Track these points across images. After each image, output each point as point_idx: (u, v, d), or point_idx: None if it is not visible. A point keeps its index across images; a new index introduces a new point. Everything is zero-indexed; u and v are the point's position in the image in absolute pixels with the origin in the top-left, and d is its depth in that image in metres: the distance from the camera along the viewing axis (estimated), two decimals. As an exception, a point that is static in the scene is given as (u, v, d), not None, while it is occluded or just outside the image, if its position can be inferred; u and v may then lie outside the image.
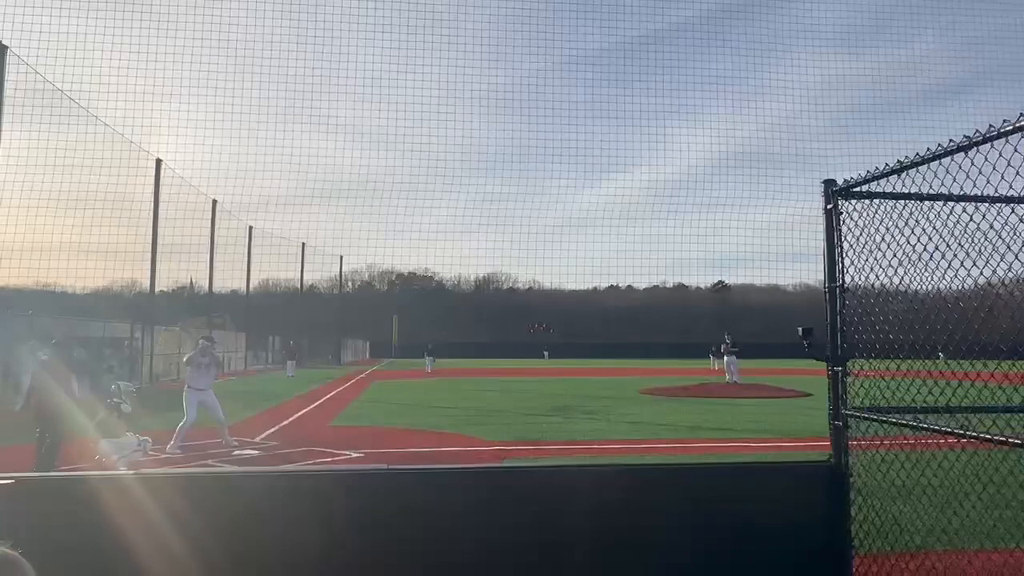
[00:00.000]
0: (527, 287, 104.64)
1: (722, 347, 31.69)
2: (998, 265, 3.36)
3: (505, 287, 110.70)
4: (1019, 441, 2.93)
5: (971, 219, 3.55)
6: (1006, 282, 3.37)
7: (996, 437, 3.04)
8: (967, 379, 3.49)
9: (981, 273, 3.42)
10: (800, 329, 4.24)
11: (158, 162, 28.71)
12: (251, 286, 47.30)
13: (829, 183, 4.23)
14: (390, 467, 4.07)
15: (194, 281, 44.31)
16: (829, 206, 4.23)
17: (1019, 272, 3.26)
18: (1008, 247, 3.27)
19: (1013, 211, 3.37)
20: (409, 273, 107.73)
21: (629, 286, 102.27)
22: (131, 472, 3.71)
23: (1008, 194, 3.20)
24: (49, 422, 9.32)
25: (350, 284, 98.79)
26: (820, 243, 4.32)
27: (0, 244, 18.68)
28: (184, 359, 13.00)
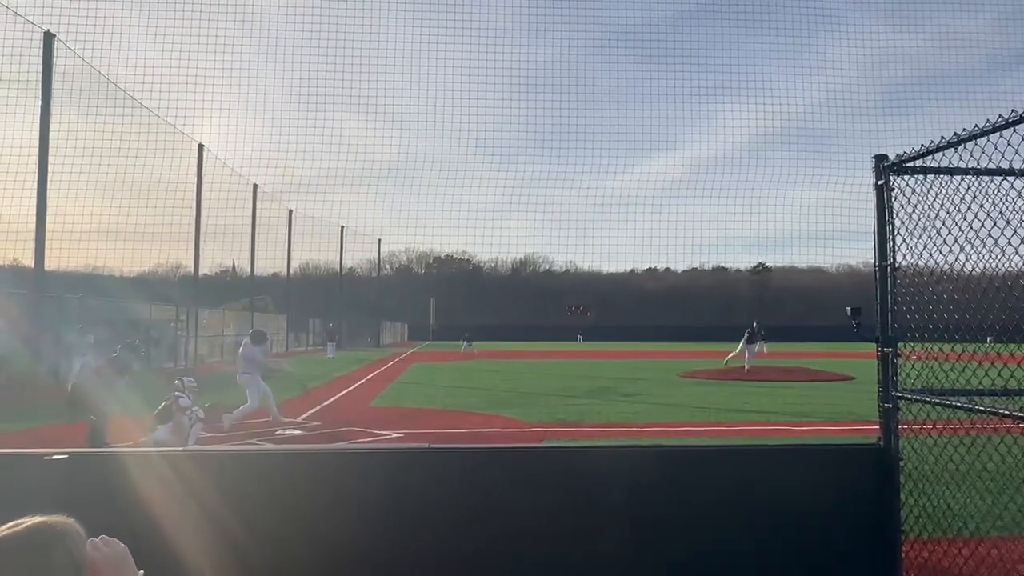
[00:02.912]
0: (564, 269, 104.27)
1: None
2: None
3: (542, 269, 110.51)
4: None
5: (1033, 194, 3.40)
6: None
7: (1059, 420, 2.92)
8: (1025, 361, 3.36)
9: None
10: (849, 309, 4.12)
11: (200, 147, 29.17)
12: (291, 269, 48.01)
13: (880, 158, 4.09)
14: (430, 446, 4.07)
15: (236, 264, 45.16)
16: (880, 182, 4.09)
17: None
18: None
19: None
20: (447, 256, 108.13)
21: (667, 268, 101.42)
22: (189, 448, 3.77)
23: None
24: (92, 407, 9.75)
25: (388, 267, 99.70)
26: (867, 223, 4.19)
27: (50, 228, 19.20)
28: (240, 351, 13.40)
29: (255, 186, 36.86)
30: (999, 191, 3.56)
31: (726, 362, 26.37)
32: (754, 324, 27.19)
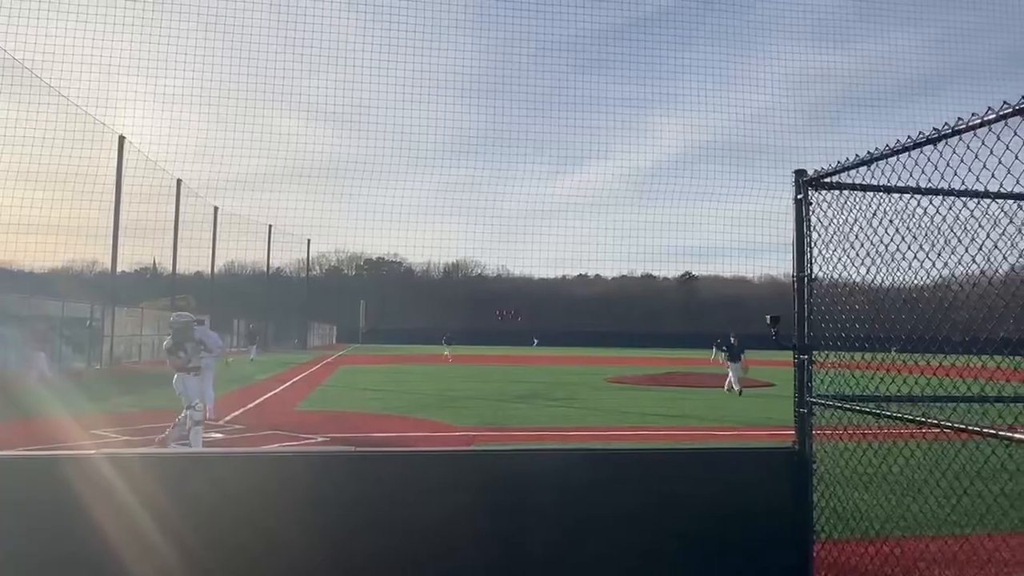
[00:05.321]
0: (496, 274, 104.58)
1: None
2: (959, 261, 3.41)
3: (474, 274, 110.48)
4: (977, 429, 2.99)
5: (937, 211, 3.61)
6: (964, 276, 3.43)
7: (956, 425, 3.10)
8: (928, 369, 3.56)
9: (945, 265, 3.48)
10: (768, 317, 4.28)
11: (121, 139, 28.01)
12: (216, 268, 46.56)
13: (800, 173, 4.26)
14: (356, 449, 4.03)
15: (157, 262, 43.50)
16: (799, 196, 4.27)
17: (980, 266, 3.32)
18: (973, 239, 3.32)
19: (979, 204, 3.43)
20: (378, 258, 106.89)
21: (597, 275, 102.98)
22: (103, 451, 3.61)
23: (975, 188, 3.25)
24: None
25: (318, 268, 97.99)
26: (787, 236, 4.36)
27: (-46, 219, 18.10)
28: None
29: (179, 181, 35.60)
30: (907, 208, 3.77)
31: (739, 391, 20.93)
32: (731, 338, 22.24)
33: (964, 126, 3.05)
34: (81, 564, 3.36)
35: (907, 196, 3.79)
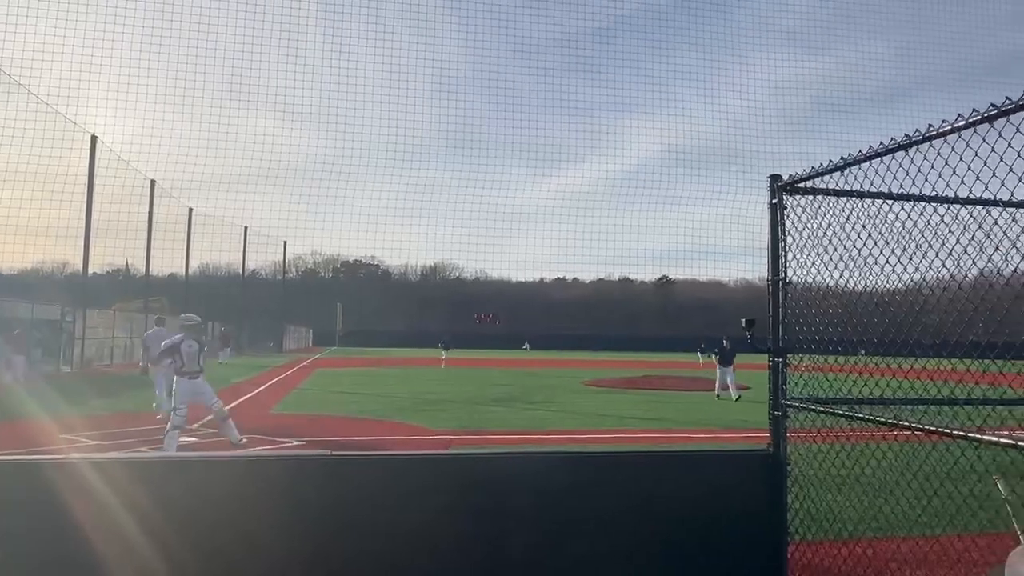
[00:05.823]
0: (474, 277, 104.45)
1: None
2: (930, 265, 3.48)
3: (452, 277, 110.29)
4: (947, 431, 3.05)
5: (908, 216, 3.68)
6: (934, 280, 3.50)
7: (927, 427, 3.15)
8: (900, 372, 3.62)
9: (917, 270, 3.55)
10: (744, 320, 4.32)
11: (93, 139, 27.62)
12: (190, 270, 46.04)
13: (775, 178, 4.32)
14: (332, 453, 4.01)
15: (130, 264, 42.97)
16: (774, 200, 4.32)
17: (950, 271, 3.39)
18: (943, 244, 3.39)
19: (948, 209, 3.49)
20: (355, 260, 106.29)
21: (575, 279, 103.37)
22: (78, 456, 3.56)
23: (944, 193, 3.31)
24: None
25: (294, 270, 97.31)
26: (762, 240, 4.41)
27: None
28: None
29: (152, 182, 35.19)
30: (879, 213, 3.83)
31: (717, 395, 20.69)
32: (724, 341, 20.93)
33: (934, 132, 3.11)
34: (78, 565, 3.34)
35: (879, 201, 3.86)
